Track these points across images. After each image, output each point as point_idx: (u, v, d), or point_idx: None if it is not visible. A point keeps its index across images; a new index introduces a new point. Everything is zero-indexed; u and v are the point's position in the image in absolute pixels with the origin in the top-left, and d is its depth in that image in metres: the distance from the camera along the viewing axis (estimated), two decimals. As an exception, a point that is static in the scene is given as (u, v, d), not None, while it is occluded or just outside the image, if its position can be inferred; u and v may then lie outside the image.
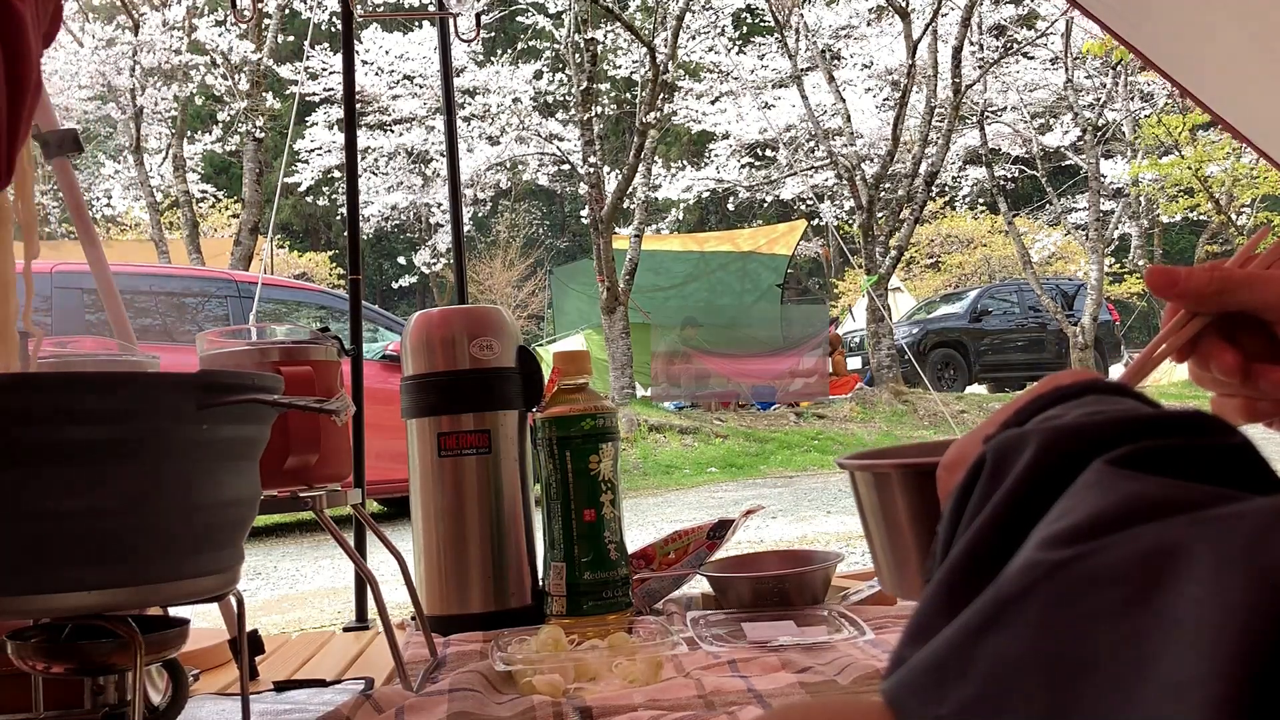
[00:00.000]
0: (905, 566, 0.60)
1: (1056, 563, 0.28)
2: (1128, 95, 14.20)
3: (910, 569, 0.60)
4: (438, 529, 1.65)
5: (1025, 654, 0.27)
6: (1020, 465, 0.35)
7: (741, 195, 16.24)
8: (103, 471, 0.81)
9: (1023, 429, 0.37)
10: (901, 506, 0.59)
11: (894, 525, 0.60)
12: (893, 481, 0.59)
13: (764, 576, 1.58)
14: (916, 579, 0.59)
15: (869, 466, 0.61)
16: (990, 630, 0.29)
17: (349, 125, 2.15)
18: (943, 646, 0.30)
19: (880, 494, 0.60)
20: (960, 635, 0.30)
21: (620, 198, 10.56)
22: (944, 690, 0.29)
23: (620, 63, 13.28)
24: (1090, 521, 0.29)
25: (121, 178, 13.59)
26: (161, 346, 4.49)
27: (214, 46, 11.16)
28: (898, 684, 0.32)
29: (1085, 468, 0.33)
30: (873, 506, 0.61)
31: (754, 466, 7.64)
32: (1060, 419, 0.37)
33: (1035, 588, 0.28)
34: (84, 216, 1.58)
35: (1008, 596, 0.29)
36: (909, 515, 0.59)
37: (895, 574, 0.61)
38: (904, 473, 0.59)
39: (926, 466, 0.55)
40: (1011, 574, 0.30)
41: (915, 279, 19.14)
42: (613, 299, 10.18)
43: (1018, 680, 0.27)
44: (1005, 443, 0.37)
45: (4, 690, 1.05)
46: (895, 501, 0.59)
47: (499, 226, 20.93)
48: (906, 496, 0.59)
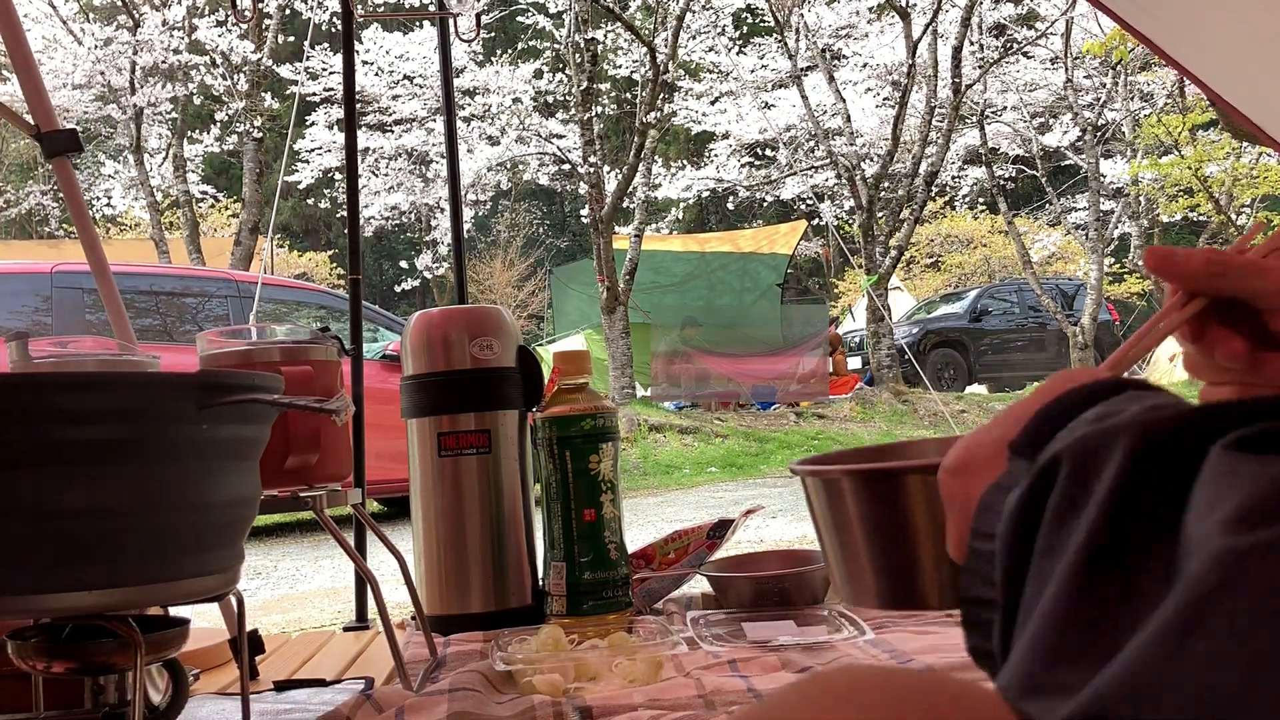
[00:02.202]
0: (857, 573, 0.59)
1: (1249, 549, 0.26)
2: (1127, 95, 14.20)
3: (862, 576, 0.59)
4: (438, 529, 1.65)
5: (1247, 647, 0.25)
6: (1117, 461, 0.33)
7: (741, 195, 16.24)
8: (103, 471, 0.81)
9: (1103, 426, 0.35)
10: (852, 512, 0.58)
11: (846, 531, 0.59)
12: (843, 487, 0.58)
13: (764, 576, 1.58)
14: (871, 586, 0.58)
15: (818, 472, 0.60)
16: (1194, 633, 0.26)
17: (349, 125, 2.15)
18: (1136, 663, 0.27)
19: (831, 500, 0.59)
20: (1157, 645, 0.27)
21: (620, 198, 10.55)
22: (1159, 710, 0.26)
23: (620, 63, 13.29)
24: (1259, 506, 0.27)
25: (121, 178, 13.60)
26: (161, 346, 4.50)
27: (214, 46, 11.16)
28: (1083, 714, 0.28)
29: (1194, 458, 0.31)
30: (824, 512, 0.60)
31: (754, 466, 7.64)
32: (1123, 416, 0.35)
33: (1237, 579, 0.26)
34: (84, 216, 1.58)
35: (1204, 594, 0.27)
36: (860, 521, 0.58)
37: (848, 582, 0.60)
38: (855, 478, 0.58)
39: (876, 472, 0.55)
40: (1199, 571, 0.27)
41: (915, 279, 19.13)
42: (613, 299, 10.18)
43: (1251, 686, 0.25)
44: (1085, 442, 0.35)
45: (4, 690, 1.05)
46: (846, 507, 0.58)
47: (499, 226, 20.92)
48: (857, 502, 0.58)
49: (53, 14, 11.47)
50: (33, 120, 1.53)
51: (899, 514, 0.57)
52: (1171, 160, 13.49)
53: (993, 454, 0.43)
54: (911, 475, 0.57)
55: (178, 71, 11.22)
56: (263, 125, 11.01)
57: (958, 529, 0.45)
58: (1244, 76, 1.86)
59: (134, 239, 14.50)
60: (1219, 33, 1.78)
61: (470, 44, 11.30)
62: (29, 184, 15.33)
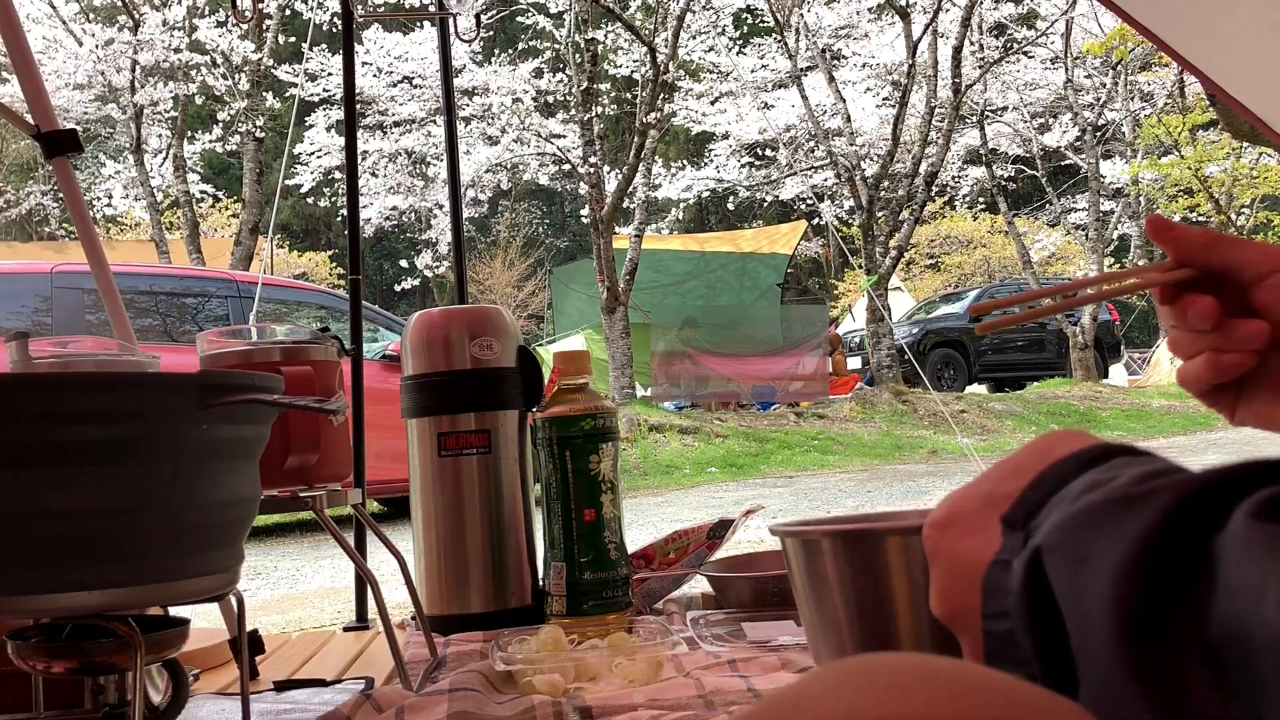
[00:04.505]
0: (832, 632, 0.60)
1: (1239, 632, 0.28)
2: (1127, 95, 14.20)
3: (836, 634, 0.60)
4: (438, 529, 1.65)
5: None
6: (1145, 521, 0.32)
7: (741, 195, 16.24)
8: (103, 471, 0.81)
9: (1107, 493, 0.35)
10: (830, 574, 0.59)
11: (823, 592, 0.60)
12: (823, 548, 0.60)
13: (764, 576, 1.58)
14: (845, 645, 0.59)
15: (799, 533, 0.62)
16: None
17: (349, 126, 2.15)
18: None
19: (810, 561, 0.61)
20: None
21: (620, 198, 10.55)
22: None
23: (620, 63, 13.28)
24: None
25: (121, 178, 13.60)
26: (161, 346, 4.50)
27: (214, 46, 11.16)
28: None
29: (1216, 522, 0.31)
30: (802, 573, 0.61)
31: (754, 466, 7.64)
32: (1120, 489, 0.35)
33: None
34: (84, 216, 1.58)
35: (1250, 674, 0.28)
36: (837, 582, 0.59)
37: (824, 642, 0.61)
38: (834, 539, 0.59)
39: (855, 533, 0.56)
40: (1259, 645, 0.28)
41: (915, 279, 19.14)
42: (613, 299, 10.18)
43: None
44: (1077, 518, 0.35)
45: (4, 690, 1.05)
46: (825, 568, 0.59)
47: (499, 226, 20.92)
48: (835, 563, 0.59)
49: (53, 14, 11.47)
50: (33, 120, 1.53)
51: (877, 574, 0.58)
52: (1171, 160, 13.49)
53: (979, 510, 0.43)
54: (891, 536, 0.58)
55: (178, 71, 11.22)
56: (264, 125, 11.01)
57: (941, 584, 0.45)
58: (1247, 68, 1.85)
59: (134, 239, 14.50)
60: (1224, 23, 1.77)
61: (470, 44, 11.30)
62: (29, 184, 15.33)
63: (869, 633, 0.58)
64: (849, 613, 0.58)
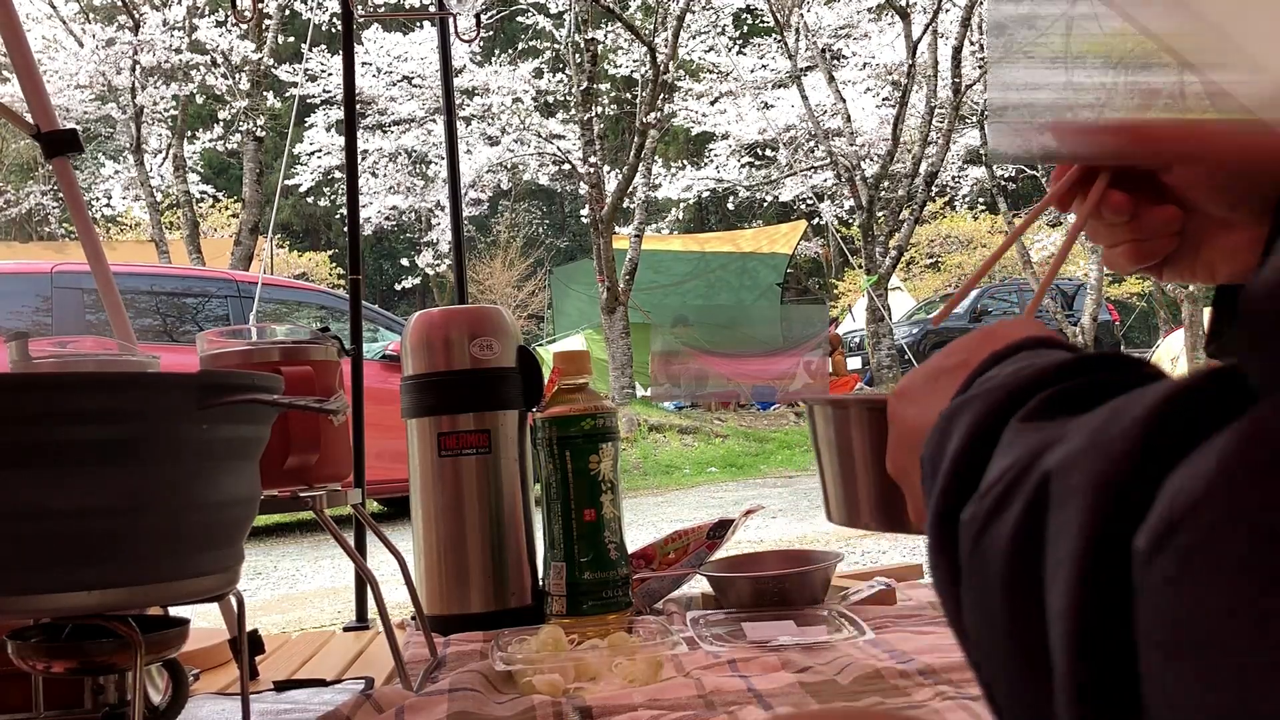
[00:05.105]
0: (853, 496, 0.65)
1: (967, 521, 0.35)
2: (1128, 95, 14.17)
3: (857, 498, 0.65)
4: (438, 529, 1.65)
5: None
6: (959, 433, 0.39)
7: (741, 195, 16.24)
8: (103, 471, 0.81)
9: (966, 395, 0.42)
10: (855, 438, 0.64)
11: (846, 456, 0.65)
12: (850, 415, 0.65)
13: (764, 576, 1.58)
14: (863, 507, 0.65)
15: (830, 401, 0.67)
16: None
17: (349, 126, 2.15)
18: None
19: (837, 426, 0.66)
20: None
21: (620, 198, 10.55)
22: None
23: (620, 63, 13.28)
24: (993, 480, 0.35)
25: (121, 178, 13.59)
26: (161, 346, 4.50)
27: (214, 46, 11.16)
28: None
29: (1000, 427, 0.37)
30: (828, 439, 0.67)
31: (754, 466, 7.64)
32: (991, 381, 0.42)
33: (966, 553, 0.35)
34: (84, 216, 1.58)
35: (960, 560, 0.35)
36: (862, 447, 0.64)
37: (844, 503, 0.66)
38: (861, 407, 0.64)
39: (881, 402, 0.59)
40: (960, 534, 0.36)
41: (915, 279, 19.13)
42: (613, 299, 10.18)
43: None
44: (952, 410, 0.42)
45: (4, 690, 1.05)
46: (849, 433, 0.65)
47: (499, 226, 20.92)
48: (861, 429, 0.64)
49: (53, 14, 11.47)
50: (33, 120, 1.53)
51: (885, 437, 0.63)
52: (1171, 160, 13.48)
53: (924, 384, 0.50)
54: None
55: (178, 71, 11.22)
56: (264, 125, 11.01)
57: (891, 445, 0.52)
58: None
59: (134, 239, 14.50)
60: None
61: (470, 44, 11.30)
62: (29, 184, 15.33)
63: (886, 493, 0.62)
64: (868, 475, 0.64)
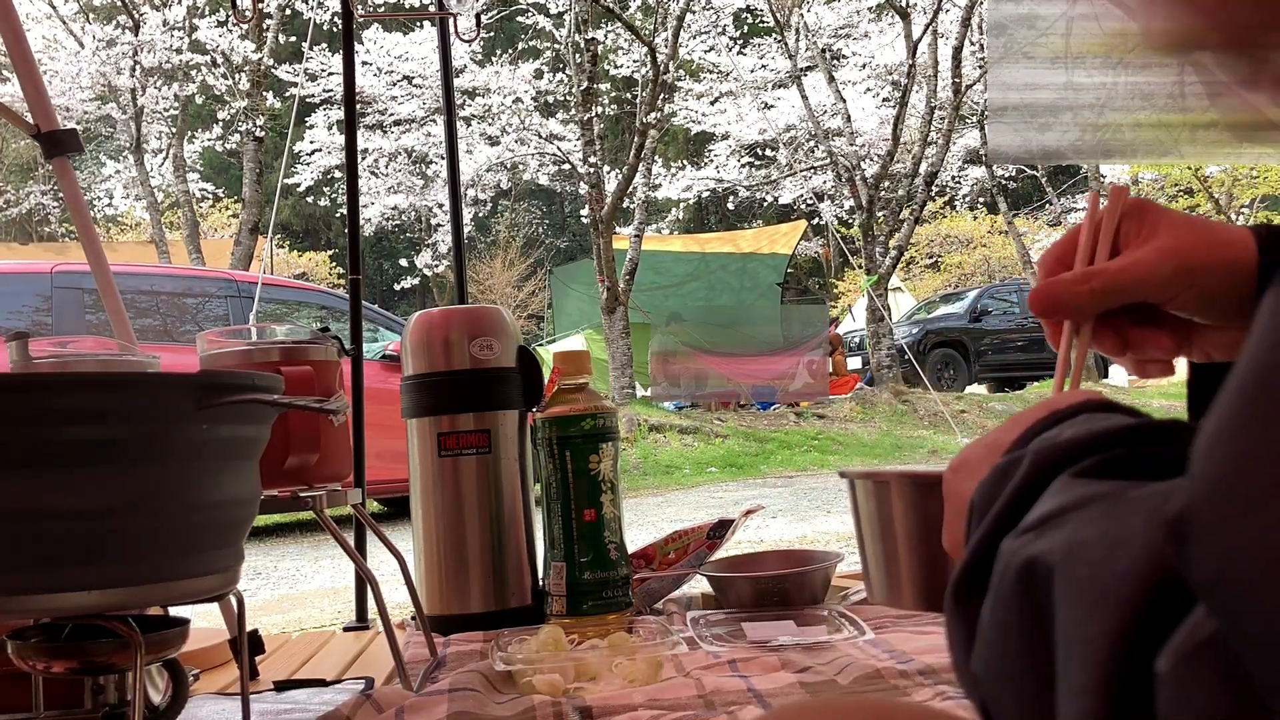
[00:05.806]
0: (895, 577, 0.63)
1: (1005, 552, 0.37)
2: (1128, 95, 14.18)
3: (900, 579, 0.63)
4: (438, 529, 1.65)
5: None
6: (1015, 480, 0.41)
7: (741, 195, 16.24)
8: (103, 471, 0.81)
9: (1024, 449, 0.43)
10: (898, 515, 0.62)
11: (888, 534, 0.63)
12: (891, 490, 0.63)
13: (764, 576, 1.58)
14: (905, 589, 0.62)
15: (870, 475, 0.64)
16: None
17: (349, 125, 2.15)
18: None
19: (879, 503, 0.63)
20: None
21: (620, 198, 10.55)
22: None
23: (620, 63, 13.28)
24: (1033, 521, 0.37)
25: (122, 178, 13.60)
26: (161, 346, 4.49)
27: (214, 46, 11.16)
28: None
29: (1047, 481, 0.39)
30: (869, 515, 0.64)
31: (754, 466, 7.64)
32: (1054, 439, 0.42)
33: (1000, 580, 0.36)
34: (84, 216, 1.58)
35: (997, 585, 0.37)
36: (904, 524, 0.62)
37: (885, 585, 0.64)
38: (904, 482, 0.62)
39: (926, 478, 0.58)
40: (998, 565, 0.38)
41: (915, 279, 19.13)
42: (613, 299, 10.18)
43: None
44: (1008, 462, 0.43)
45: (4, 690, 1.05)
46: (892, 510, 0.63)
47: (499, 226, 20.92)
48: (903, 505, 0.62)
49: (53, 14, 11.47)
50: (33, 120, 1.53)
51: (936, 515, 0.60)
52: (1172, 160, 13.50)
53: (982, 456, 0.49)
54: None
55: (178, 71, 11.22)
56: (264, 125, 11.00)
57: (948, 520, 0.51)
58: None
59: (134, 239, 14.50)
60: None
61: (470, 44, 11.30)
62: (29, 184, 15.33)
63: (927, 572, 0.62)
64: (910, 555, 0.62)
